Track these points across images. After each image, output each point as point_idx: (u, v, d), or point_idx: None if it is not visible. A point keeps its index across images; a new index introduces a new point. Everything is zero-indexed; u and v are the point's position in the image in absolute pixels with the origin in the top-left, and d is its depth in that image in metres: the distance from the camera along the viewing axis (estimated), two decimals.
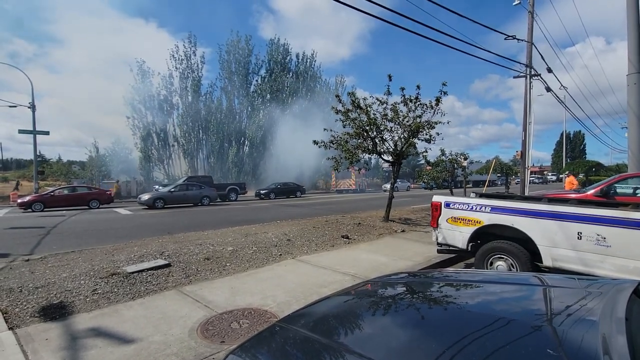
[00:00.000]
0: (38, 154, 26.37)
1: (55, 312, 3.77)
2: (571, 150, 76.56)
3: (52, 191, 19.80)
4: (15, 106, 24.96)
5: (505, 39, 14.84)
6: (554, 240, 4.14)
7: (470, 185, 33.06)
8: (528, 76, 15.22)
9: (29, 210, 17.59)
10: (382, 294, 1.84)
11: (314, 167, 41.25)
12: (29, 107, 24.53)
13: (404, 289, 1.93)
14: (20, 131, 24.66)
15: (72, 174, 40.65)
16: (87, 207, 19.16)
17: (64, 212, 17.21)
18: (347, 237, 7.95)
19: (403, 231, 9.05)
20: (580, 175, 33.79)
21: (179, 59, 36.34)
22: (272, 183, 31.02)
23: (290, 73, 42.13)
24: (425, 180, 19.25)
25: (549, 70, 16.83)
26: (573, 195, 7.95)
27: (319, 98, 40.47)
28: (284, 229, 8.65)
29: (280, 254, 6.38)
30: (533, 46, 15.26)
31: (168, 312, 3.78)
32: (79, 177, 37.55)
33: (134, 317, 3.64)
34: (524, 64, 15.23)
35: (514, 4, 15.88)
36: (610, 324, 1.07)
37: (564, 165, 43.64)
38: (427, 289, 1.90)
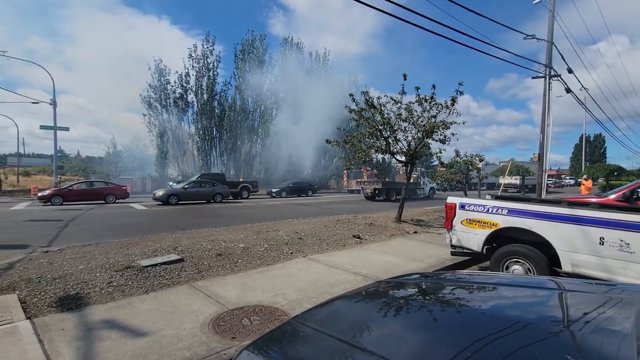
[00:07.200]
0: (57, 149, 27.12)
1: (71, 303, 3.86)
2: (591, 153, 74.19)
3: (71, 186, 20.35)
4: (37, 102, 25.79)
5: (524, 38, 14.50)
6: (574, 245, 4.02)
7: (485, 187, 32.42)
8: (547, 77, 14.82)
9: (49, 203, 18.13)
10: (394, 295, 1.82)
11: (325, 166, 41.27)
12: (50, 104, 25.26)
13: (417, 290, 1.90)
14: (42, 127, 25.49)
15: (90, 169, 41.81)
16: (103, 202, 19.62)
17: (82, 205, 17.65)
18: (359, 237, 7.90)
19: (415, 232, 8.95)
20: (600, 180, 32.74)
21: (196, 57, 36.82)
22: (284, 181, 31.24)
23: (304, 72, 42.25)
24: (438, 182, 18.99)
25: (570, 71, 16.35)
26: (594, 200, 7.71)
27: (332, 97, 40.45)
28: (295, 227, 8.66)
29: (292, 252, 6.39)
30: (553, 46, 14.86)
31: (180, 306, 3.83)
32: (97, 173, 38.58)
33: (147, 311, 3.70)
34: (543, 64, 14.84)
35: (534, 2, 15.52)
36: None
37: (583, 168, 42.36)
38: (440, 290, 1.86)
